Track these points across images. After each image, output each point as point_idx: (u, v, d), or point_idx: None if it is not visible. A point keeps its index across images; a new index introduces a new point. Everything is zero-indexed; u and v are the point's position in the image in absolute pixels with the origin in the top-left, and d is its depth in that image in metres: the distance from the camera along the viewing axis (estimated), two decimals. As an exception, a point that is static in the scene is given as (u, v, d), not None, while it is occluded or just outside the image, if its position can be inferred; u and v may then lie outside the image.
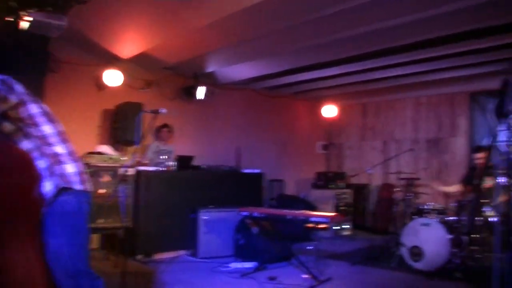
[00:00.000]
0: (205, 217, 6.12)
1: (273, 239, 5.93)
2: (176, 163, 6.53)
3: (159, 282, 4.81)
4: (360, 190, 8.98)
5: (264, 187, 7.94)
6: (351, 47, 6.05)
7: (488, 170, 5.46)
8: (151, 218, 5.99)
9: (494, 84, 7.03)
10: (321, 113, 9.97)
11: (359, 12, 4.67)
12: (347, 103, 10.10)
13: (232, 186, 7.01)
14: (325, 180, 8.79)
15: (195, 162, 6.85)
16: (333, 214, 5.86)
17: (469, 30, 5.29)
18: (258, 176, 7.51)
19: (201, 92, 7.49)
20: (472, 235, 5.41)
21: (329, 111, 9.85)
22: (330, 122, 10.26)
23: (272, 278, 5.06)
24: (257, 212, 5.76)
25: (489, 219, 5.50)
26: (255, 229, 6.04)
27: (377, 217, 8.39)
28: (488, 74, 7.09)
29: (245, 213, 5.79)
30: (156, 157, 6.74)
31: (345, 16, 4.81)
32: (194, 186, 6.55)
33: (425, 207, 6.01)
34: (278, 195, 8.24)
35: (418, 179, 7.21)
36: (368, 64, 6.83)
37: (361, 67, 7.02)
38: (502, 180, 5.07)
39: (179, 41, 5.86)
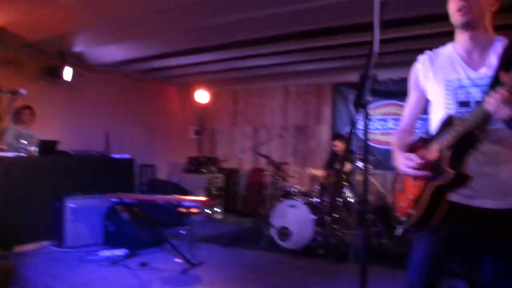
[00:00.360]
0: (71, 205, 5.77)
1: (145, 225, 5.81)
2: (38, 148, 6.03)
3: (21, 277, 4.43)
4: (231, 175, 9.17)
5: (135, 173, 7.74)
6: (222, 35, 6.09)
7: (348, 155, 5.95)
8: (10, 208, 5.46)
9: (354, 77, 7.67)
10: (193, 99, 9.93)
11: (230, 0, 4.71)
12: (218, 89, 10.20)
13: (101, 172, 6.70)
14: (197, 165, 8.83)
15: (60, 147, 6.39)
16: (204, 198, 5.91)
17: (331, 27, 5.67)
18: (129, 161, 7.28)
19: (68, 73, 6.98)
20: (333, 215, 5.87)
21: (201, 97, 9.84)
22: (202, 107, 10.28)
23: (144, 264, 4.97)
24: (127, 198, 5.56)
25: (348, 200, 6.01)
26: (125, 215, 5.86)
27: (248, 201, 8.66)
28: (349, 67, 7.66)
29: (115, 200, 5.56)
30: (15, 142, 6.14)
31: (216, 3, 4.83)
32: (60, 173, 6.13)
33: (292, 189, 6.33)
34: (149, 181, 8.07)
35: (286, 163, 7.58)
36: (239, 52, 6.95)
37: (232, 54, 7.12)
38: (359, 164, 5.59)
39: (42, 16, 5.36)
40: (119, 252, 5.47)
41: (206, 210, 8.10)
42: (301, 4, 4.79)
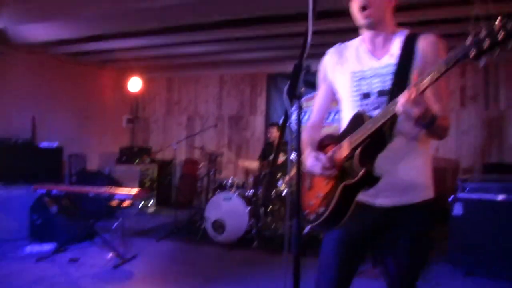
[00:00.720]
0: (-8, 196, 5.47)
1: (74, 218, 5.63)
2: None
3: None
4: (165, 166, 9.03)
5: (64, 162, 7.43)
6: (156, 19, 5.90)
7: (281, 147, 6.05)
8: None
9: (289, 67, 7.76)
10: (127, 86, 9.63)
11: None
12: (153, 76, 9.97)
13: (26, 161, 6.39)
14: (129, 155, 8.62)
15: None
16: (137, 190, 5.78)
17: (266, 16, 5.69)
18: (57, 150, 7.00)
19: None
20: (267, 207, 5.97)
21: (135, 84, 9.56)
22: (136, 95, 10.02)
23: (73, 260, 4.82)
24: (56, 189, 5.34)
25: (281, 191, 6.13)
26: (53, 208, 5.65)
27: (182, 193, 8.59)
28: (284, 58, 7.75)
29: (42, 191, 5.32)
30: None
31: None
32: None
33: (227, 181, 6.35)
34: (79, 171, 7.78)
35: (221, 154, 7.57)
36: (174, 38, 6.81)
37: (167, 40, 6.97)
38: (293, 156, 5.70)
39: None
40: (47, 246, 5.26)
41: (139, 203, 7.94)
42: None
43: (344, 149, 1.85)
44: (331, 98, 2.17)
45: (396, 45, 1.93)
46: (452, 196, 4.79)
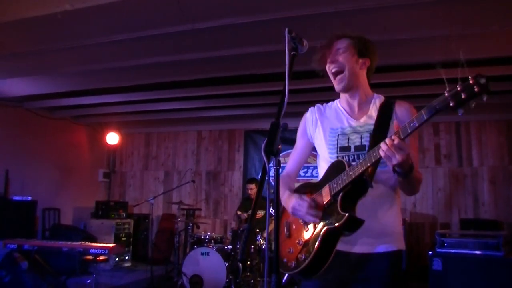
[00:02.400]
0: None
1: (46, 275, 5.41)
2: None
3: None
4: (141, 220, 8.88)
5: (37, 217, 7.24)
6: (132, 77, 6.06)
7: (260, 201, 6.04)
8: None
9: (266, 124, 7.91)
10: (103, 140, 9.61)
11: (139, 43, 4.72)
12: (130, 131, 9.99)
13: (-3, 215, 6.20)
14: (105, 209, 8.44)
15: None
16: (112, 245, 5.65)
17: (243, 75, 5.89)
18: (30, 204, 6.84)
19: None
20: (245, 262, 5.87)
21: (112, 138, 9.55)
22: (113, 149, 9.97)
23: (43, 318, 4.60)
24: (27, 244, 5.17)
25: (260, 246, 6.07)
26: (24, 264, 5.42)
27: (158, 248, 8.39)
28: (261, 115, 7.92)
29: (12, 246, 5.14)
30: None
31: (125, 46, 4.83)
32: None
33: (205, 236, 6.27)
34: (53, 225, 7.57)
35: (199, 209, 7.50)
36: (151, 95, 6.94)
37: (143, 97, 7.10)
38: (271, 211, 5.70)
39: None
40: (16, 305, 5.02)
41: (114, 258, 7.71)
42: (210, 52, 4.92)
43: (325, 195, 1.90)
44: (308, 152, 2.27)
45: (373, 108, 2.07)
46: (431, 252, 4.83)
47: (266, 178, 1.61)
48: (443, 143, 7.80)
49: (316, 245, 1.83)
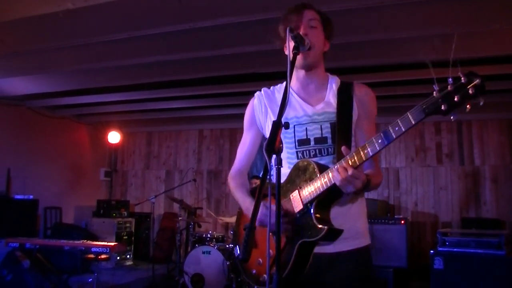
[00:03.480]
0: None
1: (48, 273, 5.42)
2: None
3: None
4: (143, 219, 8.89)
5: (39, 216, 7.25)
6: (134, 76, 6.06)
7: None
8: None
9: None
10: (104, 138, 9.62)
11: (140, 42, 4.72)
12: (131, 130, 9.99)
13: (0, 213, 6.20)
14: (107, 208, 8.45)
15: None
16: (114, 244, 5.65)
17: (245, 74, 5.90)
18: (32, 202, 6.84)
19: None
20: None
21: (113, 137, 9.56)
22: (114, 148, 9.98)
23: (45, 317, 4.60)
24: (29, 243, 5.19)
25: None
26: (26, 263, 5.42)
27: (160, 246, 8.40)
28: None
29: (14, 245, 5.16)
30: None
31: (126, 45, 4.82)
32: None
33: (206, 235, 6.27)
34: (55, 224, 7.58)
35: (200, 208, 7.50)
36: (152, 93, 6.94)
37: (144, 96, 7.09)
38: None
39: None
40: (17, 303, 5.03)
41: (116, 257, 7.72)
42: (212, 51, 4.93)
43: (296, 203, 1.77)
44: (259, 144, 2.07)
45: (330, 93, 1.92)
46: (432, 251, 4.83)
47: (268, 177, 1.59)
48: (445, 142, 7.79)
49: (292, 260, 1.70)
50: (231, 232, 6.37)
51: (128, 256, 8.16)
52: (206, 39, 4.64)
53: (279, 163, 1.54)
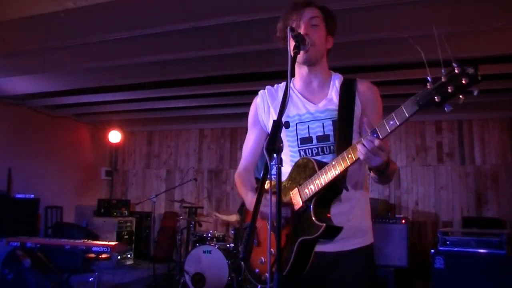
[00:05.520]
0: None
1: (48, 272, 5.42)
2: None
3: None
4: (143, 218, 8.90)
5: (40, 215, 7.25)
6: (135, 75, 6.06)
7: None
8: None
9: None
10: (105, 138, 9.62)
11: (141, 41, 4.71)
12: (132, 129, 9.99)
13: (1, 213, 6.19)
14: (107, 207, 8.45)
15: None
16: (115, 243, 5.65)
17: (245, 73, 5.91)
18: (33, 201, 6.84)
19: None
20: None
21: (114, 136, 9.56)
22: (115, 147, 9.98)
23: (46, 316, 4.60)
24: (30, 242, 5.19)
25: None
26: (27, 262, 5.43)
27: (161, 246, 8.40)
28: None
29: (15, 244, 5.16)
30: None
31: (126, 44, 4.82)
32: None
33: (207, 234, 6.26)
34: (56, 223, 7.59)
35: (201, 207, 7.49)
36: (153, 93, 6.94)
37: (145, 95, 7.09)
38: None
39: None
40: (18, 302, 5.03)
41: (116, 256, 7.72)
42: (213, 50, 4.93)
43: (295, 201, 1.77)
44: (263, 141, 2.08)
45: (333, 90, 1.91)
46: (433, 250, 4.82)
47: (268, 176, 1.59)
48: (446, 141, 7.78)
49: (292, 258, 1.70)
50: (232, 232, 6.37)
51: (128, 256, 8.16)
52: (206, 39, 4.64)
53: (279, 162, 1.54)
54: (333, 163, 1.65)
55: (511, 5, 3.69)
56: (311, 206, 1.71)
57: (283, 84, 2.03)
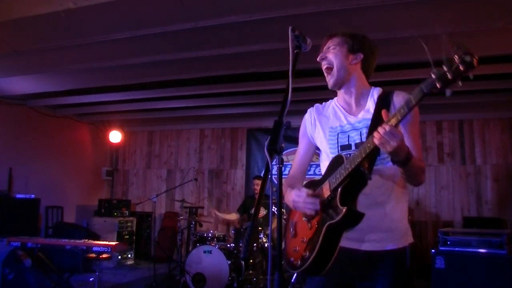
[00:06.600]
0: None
1: (49, 272, 5.42)
2: None
3: None
4: (144, 218, 8.90)
5: (41, 215, 7.25)
6: (136, 75, 6.05)
7: (262, 200, 6.04)
8: None
9: (269, 122, 7.92)
10: (106, 138, 9.63)
11: (142, 42, 4.71)
12: (133, 129, 10.01)
13: (1, 213, 6.20)
14: (108, 207, 8.46)
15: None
16: (115, 243, 5.65)
17: (245, 73, 5.90)
18: (34, 201, 6.84)
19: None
20: (248, 260, 5.87)
21: (115, 136, 9.56)
22: (116, 147, 9.99)
23: (47, 316, 4.61)
24: (31, 242, 5.18)
25: (263, 244, 6.06)
26: (27, 262, 5.43)
27: (161, 245, 8.40)
28: (264, 113, 7.92)
29: (16, 244, 5.15)
30: None
31: (134, 44, 4.82)
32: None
33: (208, 234, 6.27)
34: (56, 223, 7.59)
35: (201, 207, 7.48)
36: (153, 93, 6.94)
37: (146, 95, 7.09)
38: (274, 209, 5.69)
39: None
40: (19, 302, 5.03)
41: (117, 256, 7.72)
42: (213, 50, 4.92)
43: (325, 190, 1.88)
44: (312, 152, 2.27)
45: (371, 102, 2.03)
46: (434, 250, 4.82)
47: (269, 176, 1.61)
48: (446, 141, 7.78)
49: (319, 242, 1.80)
50: (233, 232, 6.37)
51: (129, 255, 8.17)
52: (207, 39, 4.64)
53: (280, 162, 1.59)
54: (357, 153, 1.77)
55: (511, 5, 3.68)
56: (337, 194, 1.81)
57: (329, 101, 2.23)
